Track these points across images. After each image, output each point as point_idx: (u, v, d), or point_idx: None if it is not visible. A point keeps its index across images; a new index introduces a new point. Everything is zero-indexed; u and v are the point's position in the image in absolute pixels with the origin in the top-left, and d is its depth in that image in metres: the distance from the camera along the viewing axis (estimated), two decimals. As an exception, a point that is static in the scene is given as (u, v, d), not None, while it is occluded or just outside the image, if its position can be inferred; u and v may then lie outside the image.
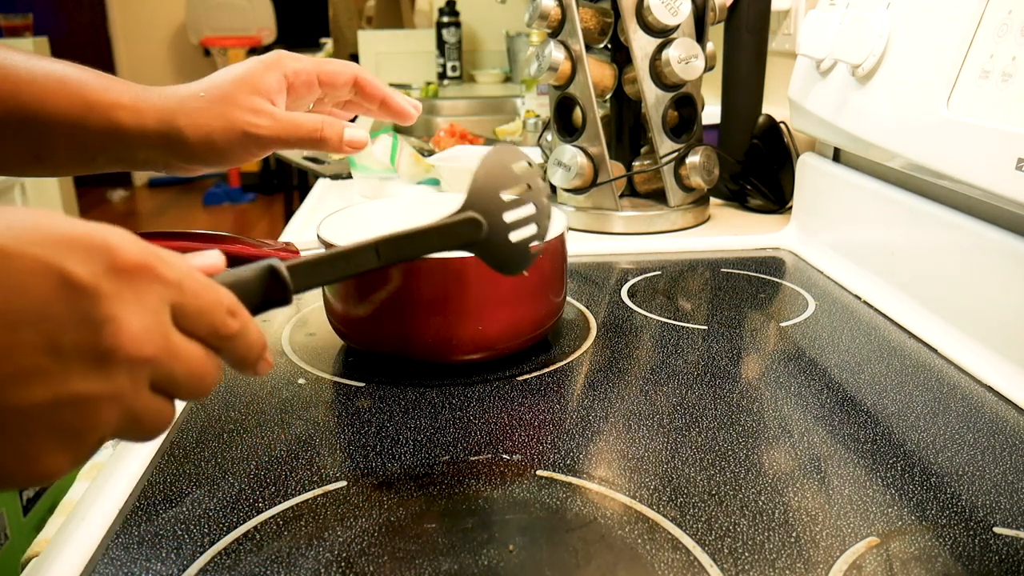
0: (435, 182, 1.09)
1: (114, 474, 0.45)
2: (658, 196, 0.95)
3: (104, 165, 0.54)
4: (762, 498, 0.43)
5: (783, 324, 0.67)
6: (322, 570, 0.38)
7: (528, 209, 0.45)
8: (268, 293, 0.37)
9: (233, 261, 0.55)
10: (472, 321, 0.56)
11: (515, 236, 0.44)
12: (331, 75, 0.56)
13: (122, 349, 0.29)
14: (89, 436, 0.29)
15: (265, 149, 0.53)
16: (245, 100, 0.52)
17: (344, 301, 0.58)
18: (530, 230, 0.45)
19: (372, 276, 0.56)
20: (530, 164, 0.46)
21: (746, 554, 0.38)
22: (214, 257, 0.37)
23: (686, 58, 0.86)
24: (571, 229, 0.92)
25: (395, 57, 3.00)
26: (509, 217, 0.44)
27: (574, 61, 0.89)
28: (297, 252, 0.57)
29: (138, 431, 0.31)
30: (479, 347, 0.57)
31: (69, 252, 0.28)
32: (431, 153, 1.24)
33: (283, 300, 0.37)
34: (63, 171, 0.54)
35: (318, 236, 0.58)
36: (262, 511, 0.42)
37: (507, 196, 0.44)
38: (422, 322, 0.56)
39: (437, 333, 0.56)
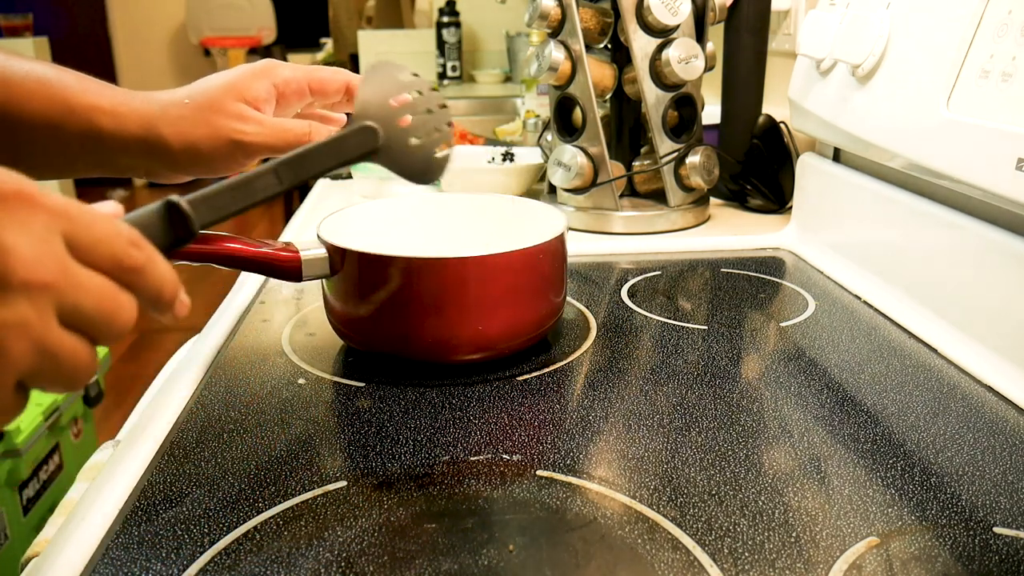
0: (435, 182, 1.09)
1: (114, 474, 0.45)
2: (658, 196, 0.95)
3: (84, 170, 0.53)
4: (762, 498, 0.43)
5: (783, 324, 0.67)
6: (322, 570, 0.38)
7: (424, 116, 0.45)
8: (172, 229, 0.36)
9: (234, 260, 0.55)
10: (472, 321, 0.56)
11: (415, 141, 0.44)
12: (322, 82, 0.55)
13: (15, 274, 0.28)
14: (3, 373, 0.28)
15: (252, 157, 0.52)
16: (231, 107, 0.51)
17: (344, 301, 0.58)
18: (431, 136, 0.45)
19: (372, 276, 0.56)
20: (415, 75, 0.46)
21: (746, 554, 0.38)
22: (110, 206, 0.35)
23: (686, 58, 0.86)
24: (571, 229, 0.92)
25: (395, 57, 2.99)
26: (405, 122, 0.44)
27: (574, 61, 0.89)
28: (297, 252, 0.57)
29: (57, 372, 0.30)
30: (479, 347, 0.57)
31: None
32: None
33: (188, 234, 0.36)
34: (43, 175, 0.53)
35: (318, 236, 0.58)
36: (262, 511, 0.42)
37: (397, 104, 0.44)
38: (422, 322, 0.56)
39: (437, 333, 0.56)
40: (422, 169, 0.45)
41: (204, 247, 0.54)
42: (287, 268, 0.56)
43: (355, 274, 0.57)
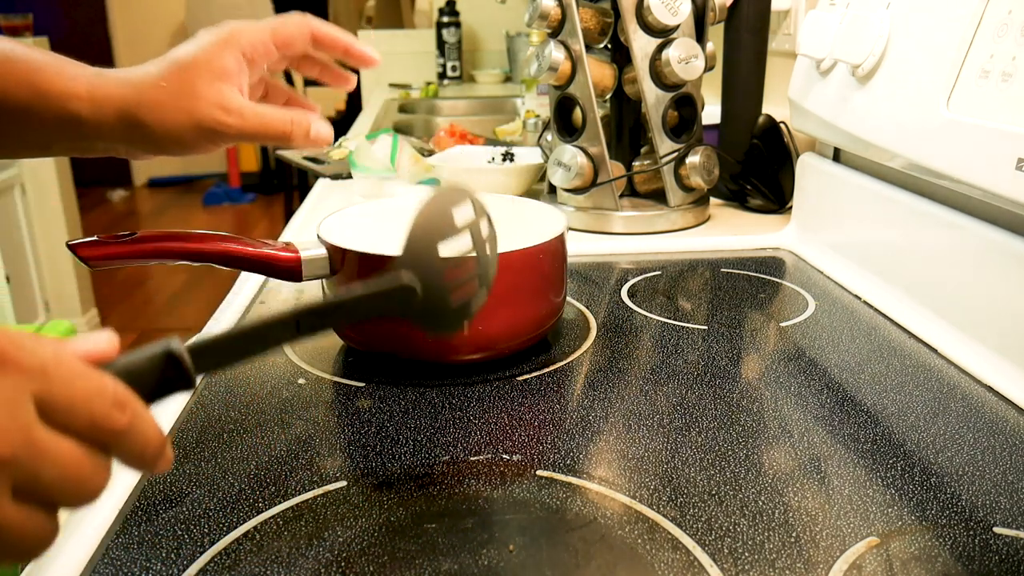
0: (435, 182, 1.09)
1: (114, 474, 0.45)
2: (658, 196, 0.95)
3: (61, 151, 0.53)
4: (762, 498, 0.43)
5: (783, 324, 0.67)
6: (322, 570, 0.38)
7: (469, 266, 0.39)
8: (167, 379, 0.32)
9: (234, 260, 0.55)
10: (472, 321, 0.56)
11: (456, 299, 0.39)
12: (287, 39, 0.53)
13: None
14: None
15: (230, 143, 0.52)
16: (210, 92, 0.49)
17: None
18: (471, 290, 0.39)
19: (366, 277, 0.56)
20: (474, 204, 0.40)
21: (746, 554, 0.38)
22: (101, 341, 0.31)
23: (686, 58, 0.86)
24: (571, 229, 0.92)
25: (395, 57, 3.00)
26: (451, 276, 0.38)
27: (574, 61, 0.89)
28: (297, 252, 0.57)
29: (9, 549, 0.27)
30: (479, 347, 0.57)
31: None
32: (431, 153, 1.24)
33: (185, 385, 0.32)
34: (17, 154, 0.53)
35: (318, 236, 0.58)
36: (262, 511, 0.42)
37: (447, 249, 0.38)
38: (422, 322, 0.56)
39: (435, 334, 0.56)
40: (447, 323, 0.40)
41: (204, 247, 0.54)
42: (287, 268, 0.56)
43: (355, 274, 0.57)
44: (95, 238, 0.53)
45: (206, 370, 0.33)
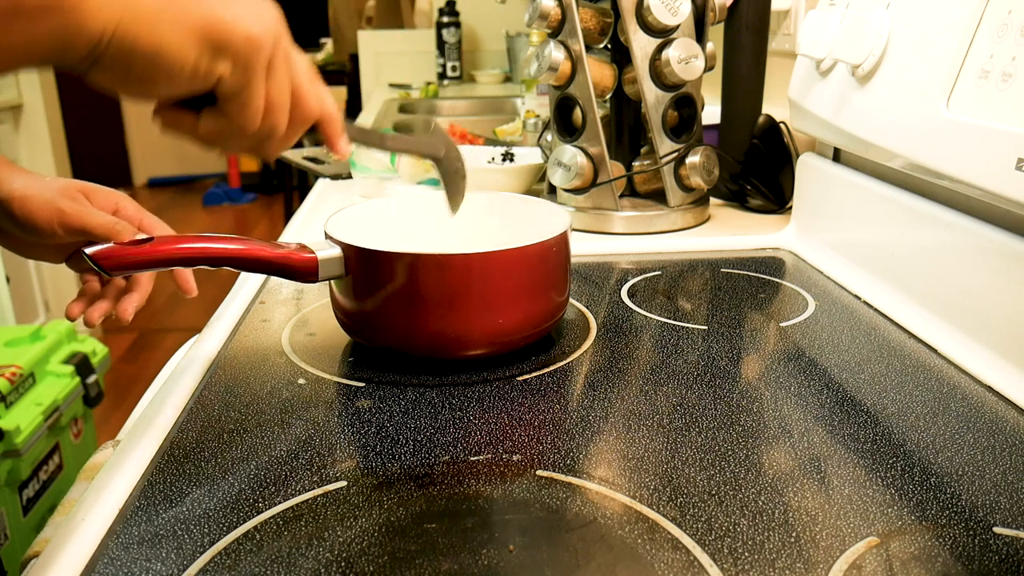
0: (435, 182, 1.09)
1: (114, 474, 0.45)
2: (658, 196, 0.95)
3: None
4: (762, 498, 0.43)
5: (783, 324, 0.67)
6: (322, 570, 0.38)
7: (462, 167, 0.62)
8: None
9: (252, 263, 0.55)
10: (477, 317, 0.56)
11: (459, 168, 0.61)
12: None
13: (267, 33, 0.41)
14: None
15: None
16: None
17: (355, 298, 0.59)
18: (462, 173, 0.61)
19: (379, 273, 0.56)
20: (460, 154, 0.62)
21: (746, 554, 0.38)
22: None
23: (686, 58, 0.86)
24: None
25: (395, 57, 3.00)
26: (454, 157, 0.60)
27: (574, 61, 0.89)
28: (314, 253, 0.57)
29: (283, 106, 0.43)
30: (484, 343, 0.57)
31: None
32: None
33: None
34: None
35: (328, 236, 0.58)
36: (262, 511, 0.42)
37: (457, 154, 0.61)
38: (427, 318, 0.56)
39: (442, 329, 0.56)
40: (457, 189, 0.61)
41: (223, 250, 0.54)
42: (304, 270, 0.57)
43: (369, 272, 0.57)
44: (111, 244, 0.52)
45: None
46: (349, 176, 1.19)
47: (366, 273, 0.57)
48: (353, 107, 3.50)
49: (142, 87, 0.39)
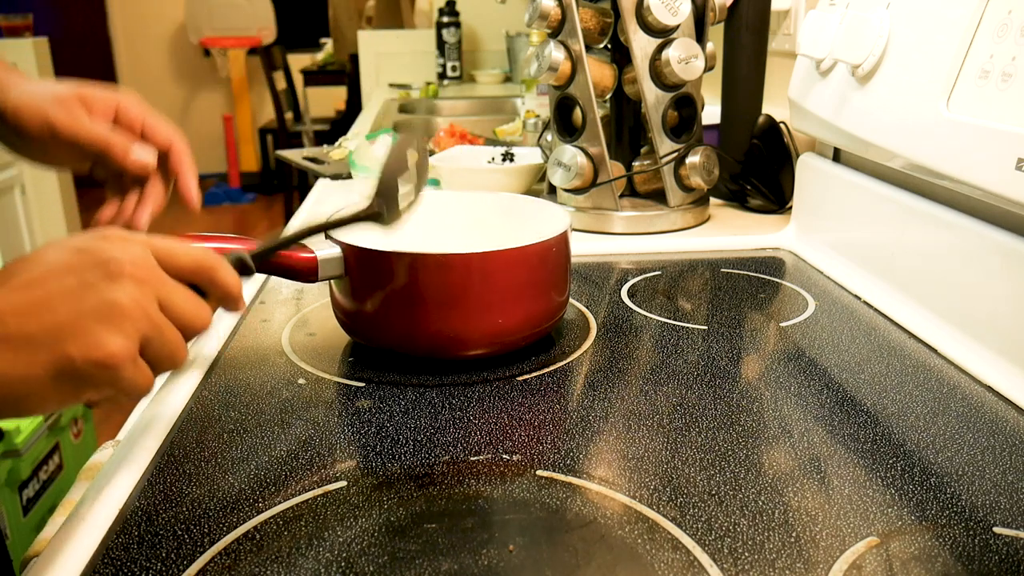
0: (435, 182, 1.09)
1: (114, 474, 0.45)
2: (658, 196, 0.95)
3: None
4: (762, 498, 0.43)
5: (783, 324, 0.67)
6: (322, 570, 0.38)
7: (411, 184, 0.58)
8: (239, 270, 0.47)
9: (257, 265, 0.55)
10: (477, 317, 0.56)
11: (401, 208, 0.57)
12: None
13: (124, 270, 0.38)
14: (128, 330, 0.38)
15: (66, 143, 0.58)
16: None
17: (355, 298, 0.59)
18: (410, 202, 0.58)
19: (379, 273, 0.56)
20: (417, 144, 0.58)
21: (746, 554, 0.38)
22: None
23: (686, 58, 0.86)
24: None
25: (395, 57, 3.00)
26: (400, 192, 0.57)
27: (574, 61, 0.89)
28: (313, 253, 0.57)
29: (163, 343, 0.39)
30: (485, 342, 0.57)
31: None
32: (431, 153, 1.24)
33: (250, 274, 0.49)
34: None
35: (328, 236, 0.58)
36: (262, 511, 0.42)
37: (403, 181, 0.57)
38: (427, 317, 0.56)
39: (442, 328, 0.56)
40: (394, 222, 0.56)
41: (222, 250, 0.54)
42: (304, 269, 0.57)
43: (369, 272, 0.57)
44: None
45: (262, 260, 0.50)
46: (349, 176, 1.19)
47: (366, 273, 0.57)
48: (353, 107, 3.50)
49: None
